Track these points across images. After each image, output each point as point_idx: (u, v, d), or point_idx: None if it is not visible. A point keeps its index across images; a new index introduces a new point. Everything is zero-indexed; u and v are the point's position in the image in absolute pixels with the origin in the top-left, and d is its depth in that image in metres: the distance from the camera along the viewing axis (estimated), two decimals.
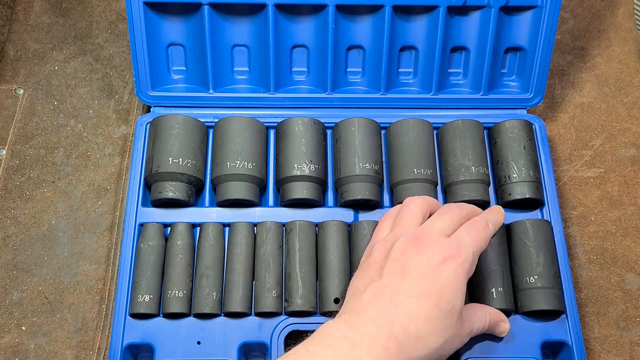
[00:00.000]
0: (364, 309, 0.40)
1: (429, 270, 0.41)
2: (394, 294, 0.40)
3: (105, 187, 0.60)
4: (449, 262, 0.41)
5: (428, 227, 0.44)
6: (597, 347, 0.54)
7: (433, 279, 0.41)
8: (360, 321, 0.39)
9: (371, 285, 0.42)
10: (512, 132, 0.56)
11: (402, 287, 0.40)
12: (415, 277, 0.41)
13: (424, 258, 0.41)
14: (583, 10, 0.71)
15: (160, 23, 0.58)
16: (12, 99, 0.64)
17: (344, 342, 0.38)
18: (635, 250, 0.58)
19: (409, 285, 0.40)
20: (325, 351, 0.37)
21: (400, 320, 0.39)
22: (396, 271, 0.41)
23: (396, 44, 0.59)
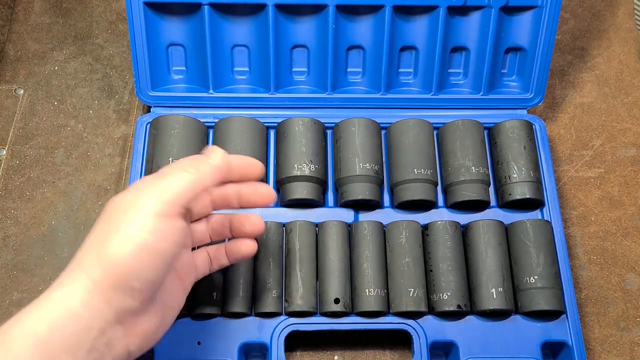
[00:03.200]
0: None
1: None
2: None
3: (105, 188, 0.60)
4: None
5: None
6: (597, 347, 0.54)
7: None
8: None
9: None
10: (513, 132, 0.56)
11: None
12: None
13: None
14: (583, 11, 0.71)
15: (160, 23, 0.58)
16: (12, 99, 0.64)
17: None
18: (635, 251, 0.58)
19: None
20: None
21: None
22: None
23: (396, 44, 0.59)
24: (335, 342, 0.54)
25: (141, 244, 0.34)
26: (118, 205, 0.36)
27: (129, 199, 0.36)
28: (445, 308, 0.50)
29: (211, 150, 0.40)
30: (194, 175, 0.37)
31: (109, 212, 0.36)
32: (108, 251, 0.34)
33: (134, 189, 0.37)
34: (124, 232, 0.34)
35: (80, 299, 0.33)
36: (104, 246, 0.34)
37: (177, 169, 0.38)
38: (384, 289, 0.51)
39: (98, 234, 0.35)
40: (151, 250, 0.34)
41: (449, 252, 0.52)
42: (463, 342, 0.51)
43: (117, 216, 0.35)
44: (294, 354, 0.53)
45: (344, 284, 0.51)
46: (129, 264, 0.34)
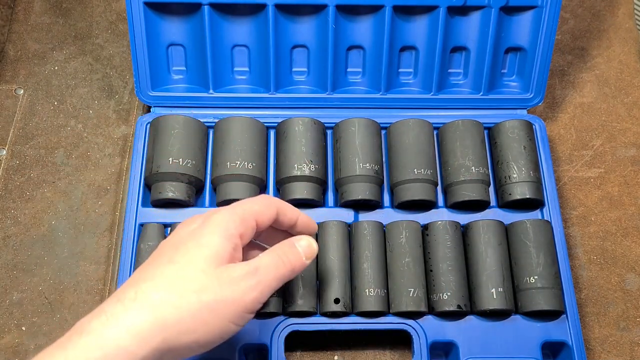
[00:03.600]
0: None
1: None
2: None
3: (105, 188, 0.60)
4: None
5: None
6: (597, 348, 0.54)
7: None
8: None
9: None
10: (513, 132, 0.56)
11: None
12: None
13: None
14: (583, 11, 0.71)
15: (160, 23, 0.58)
16: (12, 99, 0.64)
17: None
18: (635, 251, 0.58)
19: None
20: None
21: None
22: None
23: (396, 44, 0.59)
24: (335, 342, 0.54)
25: (229, 334, 0.35)
26: (215, 304, 0.35)
27: (228, 294, 0.35)
28: (445, 308, 0.50)
29: (307, 246, 0.41)
30: (286, 270, 0.39)
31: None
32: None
33: (233, 280, 0.36)
34: (212, 327, 0.35)
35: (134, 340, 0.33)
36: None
37: (274, 257, 0.38)
38: (384, 289, 0.51)
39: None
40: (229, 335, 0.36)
41: (449, 252, 0.52)
42: (463, 342, 0.51)
43: (214, 313, 0.35)
44: (294, 354, 0.53)
45: (344, 284, 0.51)
46: (194, 340, 0.34)
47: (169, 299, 0.34)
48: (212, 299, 0.34)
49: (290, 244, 0.40)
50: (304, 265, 0.40)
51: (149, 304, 0.33)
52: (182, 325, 0.34)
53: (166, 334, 0.33)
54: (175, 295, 0.34)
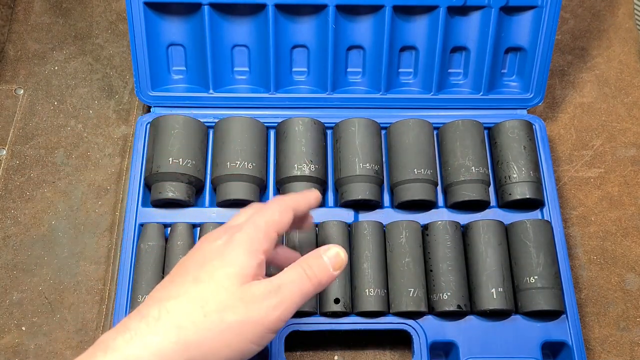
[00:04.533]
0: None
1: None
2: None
3: (105, 188, 0.60)
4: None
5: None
6: (597, 347, 0.54)
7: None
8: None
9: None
10: (513, 132, 0.56)
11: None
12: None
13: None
14: (583, 11, 0.71)
15: (160, 23, 0.58)
16: (12, 99, 0.64)
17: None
18: (635, 251, 0.58)
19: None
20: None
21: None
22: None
23: (396, 44, 0.59)
24: (335, 342, 0.54)
25: (250, 354, 0.34)
26: (238, 325, 0.34)
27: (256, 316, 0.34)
28: (445, 308, 0.50)
29: (335, 257, 0.38)
30: (312, 285, 0.37)
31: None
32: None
33: (258, 299, 0.35)
34: (234, 348, 0.34)
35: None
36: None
37: (299, 272, 0.37)
38: (384, 289, 0.51)
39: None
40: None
41: (449, 252, 0.52)
42: (463, 342, 0.51)
43: (237, 334, 0.34)
44: (294, 354, 0.53)
45: (344, 284, 0.51)
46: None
47: (193, 320, 0.33)
48: (234, 319, 0.34)
49: (316, 256, 0.38)
50: (332, 278, 0.38)
51: (173, 324, 0.33)
52: (205, 347, 0.33)
53: (189, 355, 0.33)
54: (200, 316, 0.33)
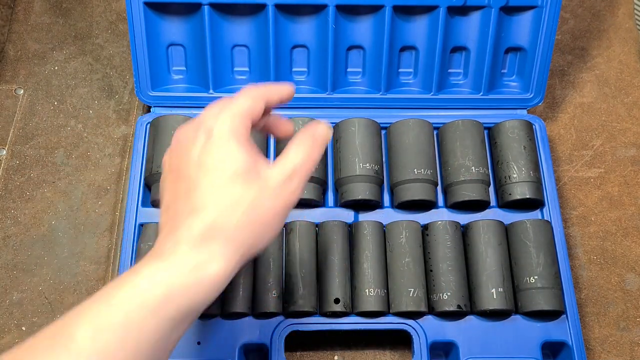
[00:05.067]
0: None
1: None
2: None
3: (105, 188, 0.60)
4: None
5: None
6: (597, 347, 0.54)
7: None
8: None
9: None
10: (513, 132, 0.56)
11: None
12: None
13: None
14: (583, 11, 0.71)
15: (160, 23, 0.58)
16: (12, 99, 0.64)
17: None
18: (635, 251, 0.58)
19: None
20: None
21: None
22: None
23: (396, 44, 0.59)
24: (335, 342, 0.54)
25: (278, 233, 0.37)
26: (266, 216, 0.36)
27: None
28: (445, 308, 0.50)
29: (324, 125, 0.40)
30: (317, 154, 0.38)
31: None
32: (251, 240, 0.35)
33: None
34: (269, 235, 0.36)
35: (228, 273, 0.34)
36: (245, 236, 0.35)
37: (305, 149, 0.38)
38: (384, 289, 0.51)
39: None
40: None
41: (449, 252, 0.52)
42: (463, 342, 0.51)
43: (267, 223, 0.36)
44: (294, 354, 0.53)
45: (344, 284, 0.51)
46: (265, 242, 0.36)
47: (231, 225, 0.34)
48: (263, 212, 0.35)
49: (313, 129, 0.39)
50: (328, 138, 0.39)
51: (220, 237, 0.34)
52: (246, 244, 0.35)
53: (240, 259, 0.35)
54: (234, 219, 0.34)
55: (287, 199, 0.36)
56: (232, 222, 0.34)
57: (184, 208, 0.35)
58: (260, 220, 0.35)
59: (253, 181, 0.35)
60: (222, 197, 0.35)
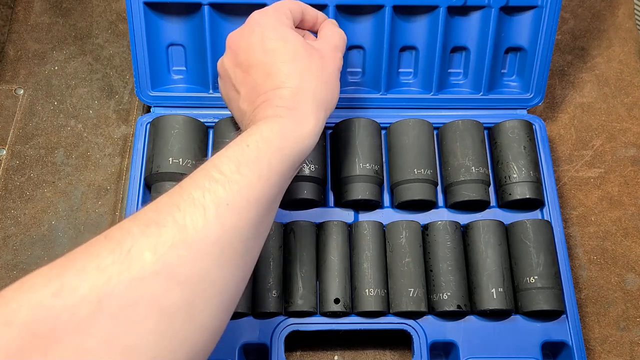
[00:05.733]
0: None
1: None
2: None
3: (105, 188, 0.60)
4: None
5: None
6: (597, 347, 0.54)
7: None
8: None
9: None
10: (513, 132, 0.56)
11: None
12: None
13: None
14: (583, 11, 0.71)
15: (160, 23, 0.58)
16: (12, 99, 0.64)
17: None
18: (635, 251, 0.58)
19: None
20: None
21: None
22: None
23: (396, 44, 0.59)
24: (335, 342, 0.54)
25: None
26: (335, 75, 0.46)
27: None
28: (445, 308, 0.50)
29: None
30: (343, 34, 0.49)
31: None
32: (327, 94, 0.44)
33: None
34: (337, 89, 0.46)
35: (320, 126, 0.42)
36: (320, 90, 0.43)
37: (335, 28, 0.49)
38: (384, 289, 0.51)
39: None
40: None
41: (449, 252, 0.52)
42: (463, 342, 0.51)
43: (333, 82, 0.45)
44: (294, 354, 0.53)
45: (344, 284, 0.51)
46: (335, 100, 0.46)
47: (313, 89, 0.42)
48: (327, 74, 0.44)
49: (329, 21, 0.50)
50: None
51: (312, 97, 0.42)
52: (327, 100, 0.44)
53: (325, 111, 0.44)
54: (313, 80, 0.43)
55: (337, 64, 0.46)
56: (312, 86, 0.42)
57: (268, 87, 0.42)
58: (329, 81, 0.44)
59: (313, 53, 0.44)
60: (296, 68, 0.42)
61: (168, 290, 0.30)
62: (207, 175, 0.35)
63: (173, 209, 0.32)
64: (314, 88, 0.42)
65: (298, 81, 0.42)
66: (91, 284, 0.28)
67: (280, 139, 0.38)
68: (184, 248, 0.31)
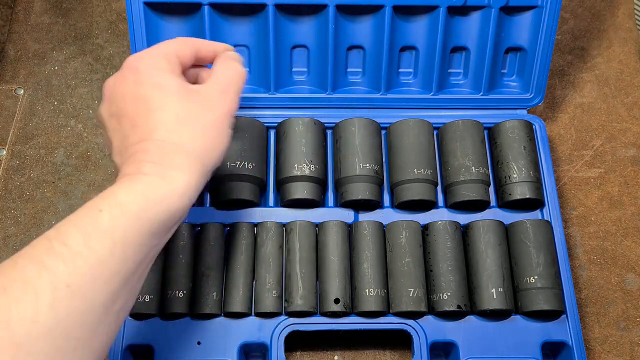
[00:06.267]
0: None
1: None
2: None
3: (105, 187, 0.59)
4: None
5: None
6: (597, 347, 0.54)
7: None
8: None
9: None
10: (513, 132, 0.56)
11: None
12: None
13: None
14: (583, 11, 0.71)
15: (160, 23, 0.58)
16: (12, 99, 0.64)
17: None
18: (635, 251, 0.58)
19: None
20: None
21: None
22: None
23: (396, 44, 0.59)
24: (335, 342, 0.54)
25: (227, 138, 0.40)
26: (218, 124, 0.39)
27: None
28: (445, 308, 0.50)
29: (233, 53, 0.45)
30: (242, 72, 0.43)
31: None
32: (206, 151, 0.38)
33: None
34: (225, 141, 0.40)
35: (195, 183, 0.37)
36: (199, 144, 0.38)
37: (228, 64, 0.43)
38: (384, 289, 0.51)
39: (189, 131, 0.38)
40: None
41: (449, 252, 0.52)
42: (463, 342, 0.51)
43: (220, 131, 0.39)
44: (294, 354, 0.53)
45: (344, 284, 0.51)
46: (219, 151, 0.39)
47: (187, 140, 0.37)
48: (208, 122, 0.38)
49: (228, 54, 0.44)
50: (242, 60, 0.44)
51: (182, 150, 0.37)
52: (204, 152, 0.38)
53: (202, 166, 0.37)
54: (187, 135, 0.37)
55: (226, 109, 0.40)
56: (185, 136, 0.37)
57: (135, 139, 0.37)
58: (208, 131, 0.38)
59: (192, 97, 0.38)
60: (167, 118, 0.37)
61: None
62: (48, 247, 0.30)
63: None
64: (188, 139, 0.37)
65: (167, 132, 0.37)
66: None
67: (140, 203, 0.33)
68: (9, 348, 0.27)
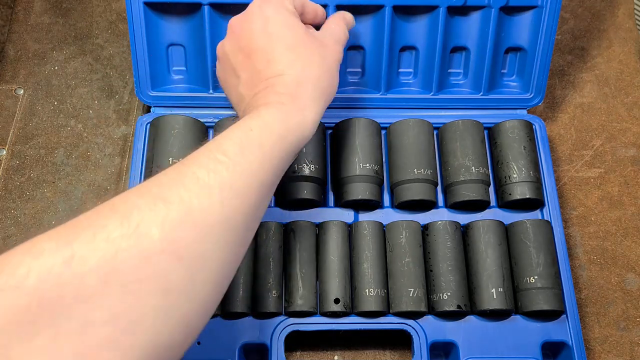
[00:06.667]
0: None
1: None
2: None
3: (105, 187, 0.60)
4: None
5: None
6: (597, 347, 0.54)
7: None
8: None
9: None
10: (513, 132, 0.56)
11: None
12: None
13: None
14: (583, 10, 0.71)
15: (160, 23, 0.58)
16: (12, 99, 0.64)
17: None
18: (635, 251, 0.58)
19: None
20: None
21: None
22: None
23: (396, 44, 0.59)
24: (335, 342, 0.54)
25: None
26: (334, 66, 0.46)
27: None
28: (445, 308, 0.50)
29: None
30: (347, 24, 0.51)
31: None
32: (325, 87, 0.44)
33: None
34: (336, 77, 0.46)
35: (320, 116, 0.43)
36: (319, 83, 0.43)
37: (338, 20, 0.50)
38: (384, 289, 0.51)
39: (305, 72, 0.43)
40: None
41: (449, 252, 0.52)
42: (463, 342, 0.51)
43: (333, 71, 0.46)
44: (294, 354, 0.53)
45: (344, 284, 0.51)
46: (335, 91, 0.46)
47: (313, 77, 0.43)
48: (327, 65, 0.44)
49: (340, 13, 0.51)
50: (353, 22, 0.53)
51: (312, 87, 0.43)
52: (326, 90, 0.44)
53: (325, 102, 0.44)
54: (313, 73, 0.43)
55: (338, 57, 0.46)
56: (314, 74, 0.42)
57: (269, 73, 0.42)
58: (329, 71, 0.44)
59: (314, 42, 0.44)
60: (298, 56, 0.43)
61: (173, 268, 0.30)
62: (211, 156, 0.35)
63: (179, 186, 0.32)
64: (316, 77, 0.42)
65: (300, 69, 0.42)
66: (100, 256, 0.28)
67: (282, 126, 0.39)
68: (191, 228, 0.31)
